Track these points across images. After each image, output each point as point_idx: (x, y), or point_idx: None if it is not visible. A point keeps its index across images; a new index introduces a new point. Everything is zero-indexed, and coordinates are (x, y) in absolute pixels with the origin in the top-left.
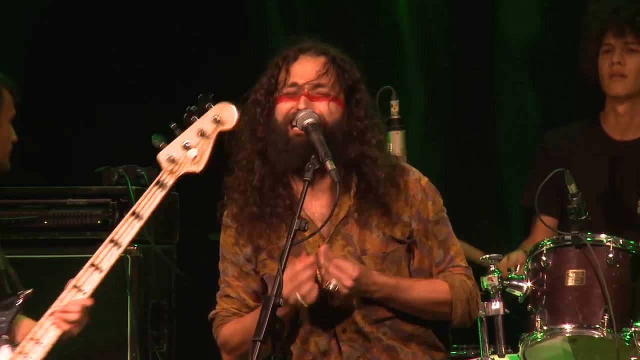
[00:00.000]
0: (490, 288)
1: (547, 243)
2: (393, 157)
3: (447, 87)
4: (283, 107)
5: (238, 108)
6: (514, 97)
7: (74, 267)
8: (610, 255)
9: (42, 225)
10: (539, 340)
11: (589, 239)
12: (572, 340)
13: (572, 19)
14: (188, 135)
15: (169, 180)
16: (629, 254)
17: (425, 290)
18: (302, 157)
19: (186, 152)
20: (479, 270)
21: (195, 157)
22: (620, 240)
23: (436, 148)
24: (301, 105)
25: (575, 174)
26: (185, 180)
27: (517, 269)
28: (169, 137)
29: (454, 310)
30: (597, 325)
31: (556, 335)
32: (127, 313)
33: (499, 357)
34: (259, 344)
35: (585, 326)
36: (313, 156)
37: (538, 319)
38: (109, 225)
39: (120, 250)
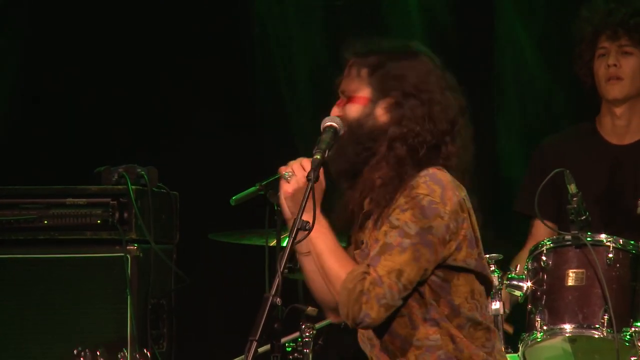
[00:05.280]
0: None
1: (547, 243)
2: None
3: None
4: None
5: None
6: (514, 96)
7: (73, 267)
8: (610, 255)
9: (42, 225)
10: (538, 340)
11: (589, 238)
12: (572, 340)
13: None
14: None
15: None
16: (629, 253)
17: (335, 258)
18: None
19: None
20: None
21: None
22: (620, 240)
23: None
24: (334, 112)
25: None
26: (185, 180)
27: (517, 268)
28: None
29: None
30: (597, 325)
31: (556, 335)
32: (127, 313)
33: None
34: (255, 343)
35: (585, 326)
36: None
37: (538, 319)
38: (109, 225)
39: None
